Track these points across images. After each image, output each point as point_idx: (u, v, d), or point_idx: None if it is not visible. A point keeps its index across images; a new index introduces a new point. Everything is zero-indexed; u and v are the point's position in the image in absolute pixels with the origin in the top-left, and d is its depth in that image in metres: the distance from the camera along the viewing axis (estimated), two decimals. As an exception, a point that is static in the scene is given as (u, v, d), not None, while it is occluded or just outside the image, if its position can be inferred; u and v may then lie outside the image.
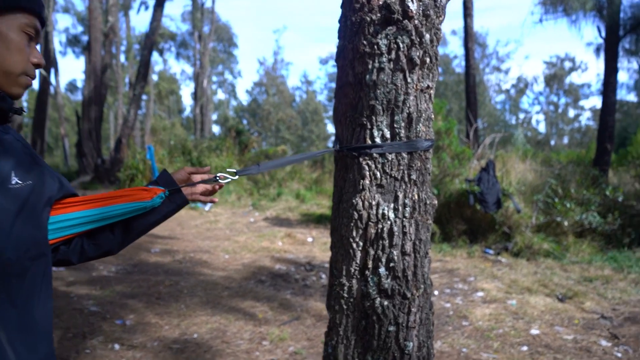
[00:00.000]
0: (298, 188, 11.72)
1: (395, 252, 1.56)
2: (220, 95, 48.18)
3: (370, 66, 1.51)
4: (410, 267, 1.56)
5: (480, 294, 5.00)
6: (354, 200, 1.58)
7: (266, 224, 8.52)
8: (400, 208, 1.56)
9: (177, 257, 6.15)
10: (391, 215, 1.56)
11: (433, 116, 1.65)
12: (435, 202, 1.67)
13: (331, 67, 48.06)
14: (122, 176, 10.39)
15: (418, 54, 1.50)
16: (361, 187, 1.57)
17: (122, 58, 31.51)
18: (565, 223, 6.96)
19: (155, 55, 36.39)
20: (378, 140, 1.57)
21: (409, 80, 1.52)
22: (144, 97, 35.76)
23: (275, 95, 43.54)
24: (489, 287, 5.22)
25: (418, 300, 1.56)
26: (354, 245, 1.58)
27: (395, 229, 1.56)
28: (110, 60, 19.68)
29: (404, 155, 1.57)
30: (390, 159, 1.56)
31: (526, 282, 5.38)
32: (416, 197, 1.60)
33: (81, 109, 15.53)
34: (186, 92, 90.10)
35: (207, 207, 10.15)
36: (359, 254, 1.59)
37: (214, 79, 43.74)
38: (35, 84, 15.45)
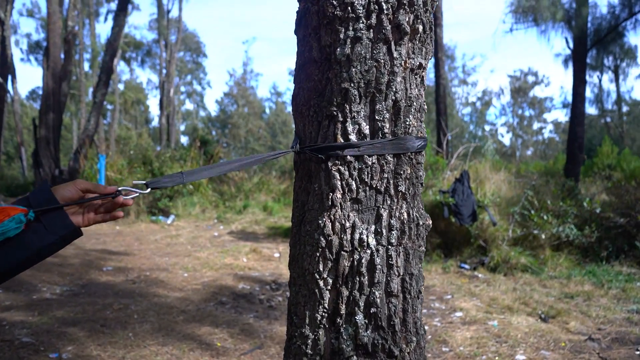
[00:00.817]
0: (265, 200, 11.24)
1: (377, 293, 1.15)
2: (189, 105, 47.30)
3: (342, 35, 1.11)
4: (399, 313, 1.15)
5: (459, 314, 4.64)
6: (320, 221, 1.16)
7: (231, 238, 8.01)
8: (384, 231, 1.16)
9: (131, 276, 5.60)
10: (371, 241, 1.16)
11: (426, 107, 1.25)
12: (430, 222, 1.27)
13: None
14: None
15: (407, 19, 1.11)
16: (330, 203, 1.16)
17: (87, 67, 30.50)
18: (543, 236, 6.71)
19: (122, 65, 35.42)
20: (353, 137, 1.17)
21: (395, 55, 1.12)
22: (110, 106, 34.68)
23: (245, 106, 42.99)
24: (467, 306, 4.88)
25: (409, 359, 1.14)
26: (321, 283, 1.17)
27: (378, 260, 1.16)
28: (73, 67, 18.86)
29: (389, 158, 1.17)
30: (369, 163, 1.16)
31: (506, 299, 5.06)
32: (405, 215, 1.20)
33: (38, 116, 14.71)
34: (153, 102, 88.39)
35: (170, 220, 9.57)
36: (327, 296, 1.18)
37: (182, 89, 42.92)
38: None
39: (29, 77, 75.71)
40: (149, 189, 1.07)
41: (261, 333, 3.99)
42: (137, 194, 1.06)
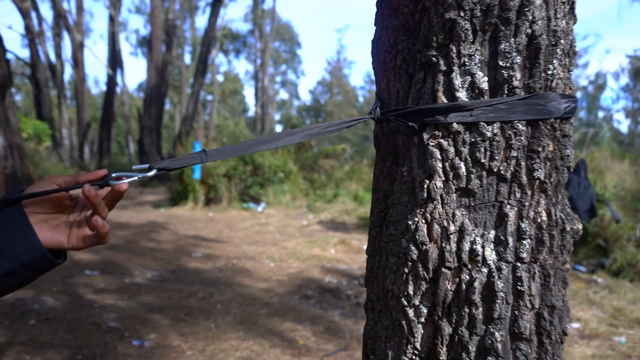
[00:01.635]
0: (356, 189, 10.88)
1: (497, 334, 0.75)
2: (283, 95, 48.19)
3: None
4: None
5: (576, 325, 3.99)
6: (410, 222, 0.79)
7: (320, 228, 7.79)
8: (509, 240, 0.76)
9: (219, 263, 5.55)
10: (490, 254, 0.76)
11: (577, 50, 0.81)
12: (580, 226, 0.83)
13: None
14: (172, 174, 10.05)
15: None
16: (425, 195, 0.78)
17: (188, 59, 32.03)
18: (679, 236, 5.71)
19: (220, 57, 36.82)
20: (463, 95, 0.77)
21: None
22: (209, 97, 36.26)
23: (338, 94, 42.87)
24: (586, 316, 4.20)
25: None
26: (411, 312, 0.80)
27: (499, 284, 0.76)
28: (175, 60, 19.81)
29: (520, 127, 0.76)
30: (488, 134, 0.76)
31: (635, 311, 4.30)
32: (544, 216, 0.78)
33: (143, 107, 15.56)
34: (250, 93, 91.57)
35: (260, 207, 9.58)
36: (419, 332, 0.80)
37: (277, 78, 43.72)
38: (102, 84, 15.68)
39: (137, 70, 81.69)
40: (152, 172, 0.76)
41: (347, 333, 3.67)
42: (135, 177, 0.75)
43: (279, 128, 38.55)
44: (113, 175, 0.75)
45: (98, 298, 4.29)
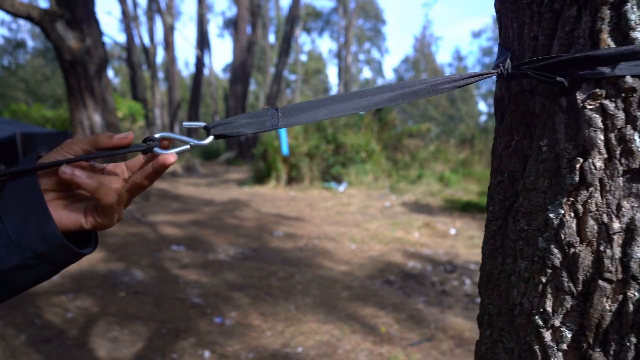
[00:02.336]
0: (442, 170, 10.41)
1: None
2: (367, 73, 47.50)
3: None
4: None
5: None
6: (552, 215, 0.58)
7: (403, 210, 7.51)
8: None
9: (299, 243, 5.50)
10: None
11: None
12: None
13: (485, 41, 44.44)
14: (256, 152, 10.17)
15: None
16: (577, 178, 0.56)
17: (272, 39, 32.40)
18: None
19: (303, 37, 36.89)
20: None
21: None
22: (293, 77, 36.58)
23: (425, 71, 41.53)
24: None
25: None
26: (547, 336, 0.61)
27: None
28: (259, 40, 20.05)
29: None
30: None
31: None
32: None
33: (229, 87, 15.94)
34: (333, 72, 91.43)
35: (342, 187, 9.46)
36: (565, 367, 0.58)
37: (361, 57, 43.12)
38: (191, 66, 16.22)
39: (224, 52, 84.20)
40: (209, 139, 0.59)
41: (431, 322, 3.45)
42: (187, 147, 0.59)
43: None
44: (157, 136, 0.57)
45: (183, 273, 4.38)
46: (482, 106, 46.74)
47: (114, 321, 3.37)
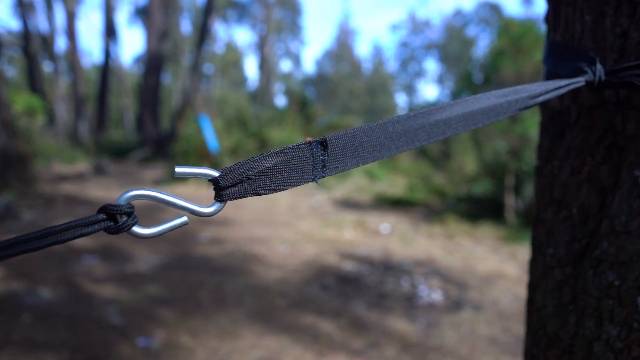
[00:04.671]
0: (370, 165, 10.51)
1: None
2: (286, 65, 47.27)
3: None
4: None
5: None
6: None
7: (333, 207, 7.43)
8: None
9: (228, 248, 5.21)
10: None
11: None
12: None
13: (405, 33, 45.82)
14: (175, 150, 9.64)
15: None
16: None
17: (187, 29, 31.17)
18: None
19: (220, 29, 35.88)
20: None
21: None
22: (209, 69, 35.48)
23: (343, 61, 42.02)
24: None
25: None
26: None
27: None
28: (173, 30, 19.16)
29: None
30: None
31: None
32: None
33: (142, 79, 15.06)
34: (251, 64, 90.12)
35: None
36: None
37: (279, 48, 42.75)
38: (99, 57, 15.15)
39: (135, 42, 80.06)
40: (216, 207, 0.40)
41: (374, 327, 3.35)
42: (184, 221, 0.40)
43: (281, 100, 37.84)
44: (132, 195, 0.39)
45: (98, 289, 3.95)
46: (402, 98, 48.23)
47: (19, 351, 2.92)
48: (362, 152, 0.43)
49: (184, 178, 9.42)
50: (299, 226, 6.13)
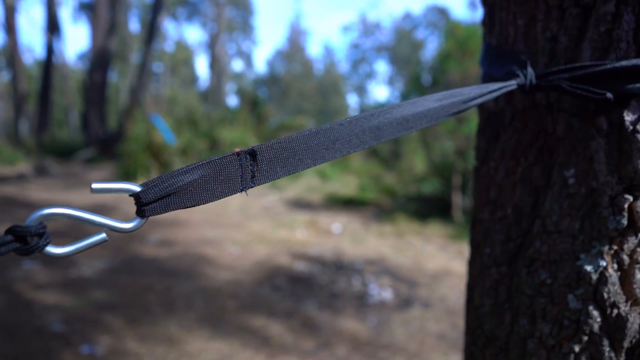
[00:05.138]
0: (321, 165, 10.54)
1: None
2: (238, 65, 46.74)
3: None
4: None
5: None
6: (587, 266, 0.45)
7: (285, 208, 7.41)
8: None
9: (177, 250, 5.10)
10: None
11: None
12: None
13: (356, 35, 46.31)
14: (123, 150, 9.34)
15: None
16: (625, 221, 0.42)
17: (135, 26, 30.27)
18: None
19: (170, 26, 35.06)
20: None
21: None
22: (159, 67, 34.60)
23: (294, 61, 42.00)
24: None
25: None
26: None
27: None
28: (121, 27, 18.55)
29: None
30: None
31: None
32: None
33: (88, 76, 14.50)
34: (202, 63, 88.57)
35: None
36: None
37: (231, 48, 42.23)
38: (41, 53, 14.48)
39: (79, 38, 76.93)
40: (137, 222, 0.40)
41: (326, 327, 3.36)
42: (102, 238, 0.46)
43: (233, 100, 37.36)
44: (43, 214, 0.37)
45: (39, 296, 3.77)
46: (353, 99, 48.69)
47: (-50, 365, 2.75)
48: (293, 160, 0.42)
49: (130, 177, 9.15)
50: (250, 227, 6.08)
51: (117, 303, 3.65)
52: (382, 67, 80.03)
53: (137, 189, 0.39)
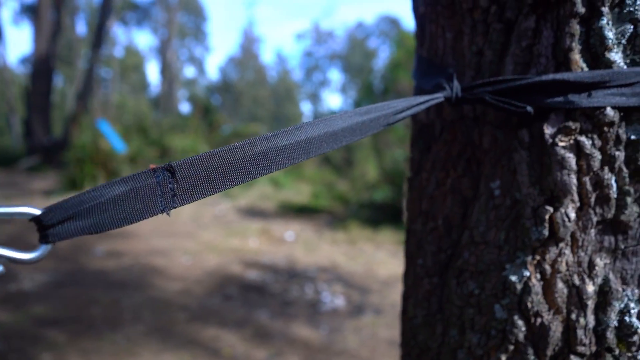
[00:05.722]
0: (274, 173, 10.48)
1: None
2: (190, 72, 46.00)
3: None
4: None
5: None
6: (512, 276, 0.47)
7: (237, 216, 7.31)
8: None
9: (125, 261, 4.92)
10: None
11: None
12: None
13: (310, 43, 46.62)
14: (69, 158, 8.96)
15: None
16: (546, 231, 0.46)
17: (82, 30, 29.26)
18: None
19: (119, 31, 34.10)
20: (619, 58, 0.44)
21: None
22: (107, 73, 33.56)
23: (248, 68, 41.75)
24: None
25: None
26: None
27: None
28: (67, 29, 17.87)
29: None
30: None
31: None
32: None
33: (30, 81, 13.87)
34: (152, 69, 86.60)
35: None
36: None
37: (183, 54, 41.54)
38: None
39: (21, 42, 73.63)
40: (42, 251, 0.36)
41: (278, 336, 3.33)
42: None
43: (185, 107, 36.64)
44: None
45: (-26, 312, 3.55)
46: (306, 106, 48.83)
47: None
48: (218, 177, 0.41)
49: (76, 191, 8.81)
50: (202, 236, 5.96)
51: (59, 318, 3.48)
52: (335, 75, 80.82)
53: (36, 212, 0.36)
